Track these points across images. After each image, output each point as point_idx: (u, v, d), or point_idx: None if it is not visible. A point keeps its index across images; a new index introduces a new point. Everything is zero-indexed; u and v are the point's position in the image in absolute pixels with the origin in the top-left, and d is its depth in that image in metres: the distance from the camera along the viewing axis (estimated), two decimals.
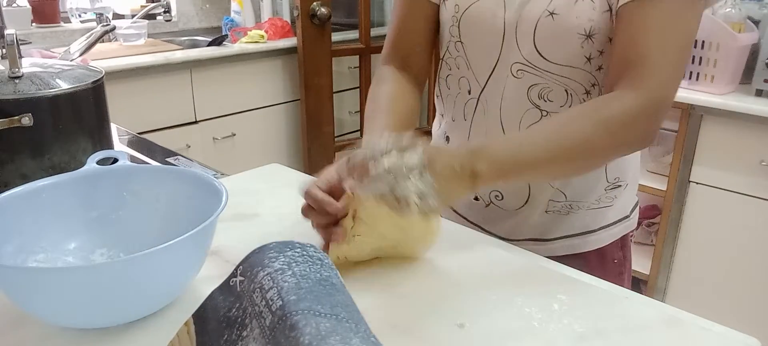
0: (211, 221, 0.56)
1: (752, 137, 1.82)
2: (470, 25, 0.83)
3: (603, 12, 0.74)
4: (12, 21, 2.24)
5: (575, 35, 0.75)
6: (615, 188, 0.88)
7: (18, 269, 0.57)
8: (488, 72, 0.83)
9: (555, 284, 0.65)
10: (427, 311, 0.60)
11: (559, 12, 0.75)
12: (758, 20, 1.93)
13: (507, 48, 0.80)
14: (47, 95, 0.83)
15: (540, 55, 0.78)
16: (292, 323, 0.43)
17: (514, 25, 0.79)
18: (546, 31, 0.76)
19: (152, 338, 0.56)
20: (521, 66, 0.80)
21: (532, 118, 0.81)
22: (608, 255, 0.91)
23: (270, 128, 2.56)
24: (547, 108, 0.80)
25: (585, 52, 0.76)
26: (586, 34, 0.75)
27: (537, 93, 0.80)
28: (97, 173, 0.69)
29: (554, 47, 0.77)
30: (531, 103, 0.81)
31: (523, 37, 0.78)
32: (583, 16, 0.74)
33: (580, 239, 0.89)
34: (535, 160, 0.68)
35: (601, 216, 0.89)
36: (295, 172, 0.98)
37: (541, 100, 0.80)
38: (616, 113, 0.68)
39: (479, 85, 0.85)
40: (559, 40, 0.76)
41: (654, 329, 0.58)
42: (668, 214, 2.04)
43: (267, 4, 2.70)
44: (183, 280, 0.60)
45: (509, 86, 0.82)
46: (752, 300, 1.93)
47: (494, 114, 0.84)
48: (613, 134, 0.69)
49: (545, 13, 0.76)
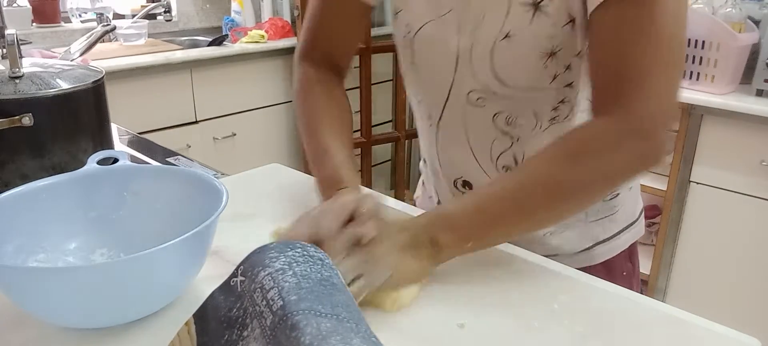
0: (211, 221, 0.56)
1: (752, 137, 1.82)
2: (422, 47, 0.76)
3: (563, 26, 0.66)
4: (12, 21, 2.24)
5: (536, 55, 0.68)
6: (613, 197, 0.82)
7: (18, 269, 0.57)
8: (442, 100, 0.77)
9: (555, 284, 0.65)
10: (427, 311, 0.60)
11: (514, 33, 0.67)
12: (758, 20, 1.93)
13: (461, 74, 0.74)
14: (47, 95, 0.83)
15: (501, 82, 0.71)
16: (293, 323, 0.43)
17: (468, 51, 0.72)
18: (504, 55, 0.69)
19: (152, 338, 0.55)
20: (480, 94, 0.73)
21: (503, 145, 0.76)
22: (617, 268, 0.86)
23: (270, 128, 2.56)
24: (517, 133, 0.75)
25: (550, 72, 0.69)
26: (548, 53, 0.67)
27: (504, 120, 0.74)
28: (98, 173, 0.69)
29: (515, 72, 0.70)
30: (498, 131, 0.75)
31: (479, 63, 0.71)
32: (542, 34, 0.66)
33: (584, 254, 0.84)
34: (503, 216, 0.63)
35: (604, 227, 0.84)
36: (295, 172, 0.98)
37: (510, 126, 0.74)
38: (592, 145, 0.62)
39: (437, 112, 0.79)
40: (520, 63, 0.69)
41: (654, 329, 0.58)
42: (668, 214, 2.04)
43: (267, 4, 2.70)
44: (183, 280, 0.59)
45: (471, 115, 0.76)
46: (752, 300, 1.93)
47: (461, 143, 0.79)
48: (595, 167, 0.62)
49: (500, 35, 0.68)
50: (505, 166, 0.77)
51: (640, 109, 0.60)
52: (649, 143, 0.62)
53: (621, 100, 0.61)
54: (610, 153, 0.62)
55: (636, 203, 0.88)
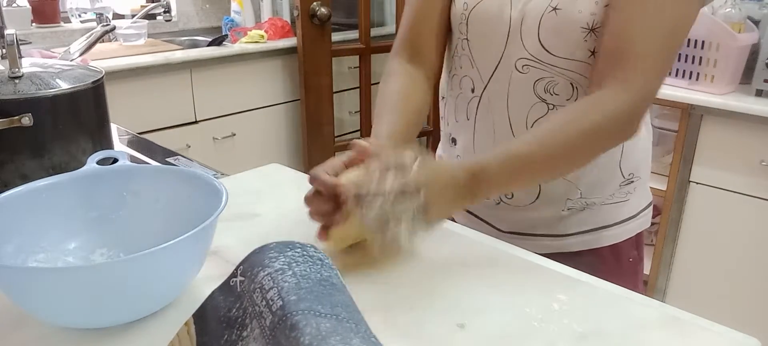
0: (211, 221, 0.56)
1: (752, 137, 1.82)
2: (477, 22, 0.84)
3: (605, 5, 0.74)
4: (12, 21, 2.24)
5: (578, 29, 0.76)
6: (629, 183, 0.88)
7: (18, 269, 0.57)
8: (492, 69, 0.84)
9: (555, 284, 0.65)
10: (427, 311, 0.60)
11: (562, 6, 0.76)
12: (758, 20, 1.93)
13: (511, 44, 0.81)
14: (47, 95, 0.83)
15: (545, 49, 0.79)
16: (292, 323, 0.43)
17: (519, 21, 0.80)
18: (550, 26, 0.77)
19: (152, 338, 0.55)
20: (526, 61, 0.80)
21: (538, 112, 0.82)
22: (623, 253, 0.91)
23: (270, 128, 2.56)
24: (553, 101, 0.81)
25: (588, 46, 0.77)
26: (589, 28, 0.76)
27: (543, 87, 0.81)
28: (97, 173, 0.69)
29: (558, 41, 0.78)
30: (537, 98, 0.82)
31: (527, 33, 0.79)
32: (586, 10, 0.75)
33: (594, 234, 0.89)
34: (528, 174, 0.73)
35: (616, 212, 0.89)
36: (295, 172, 0.98)
37: (548, 93, 0.81)
38: (603, 119, 0.71)
39: (483, 83, 0.86)
40: (563, 34, 0.77)
41: (654, 329, 0.58)
42: (668, 214, 2.04)
43: (267, 4, 2.70)
44: (183, 280, 0.60)
45: (514, 82, 0.82)
46: (752, 300, 1.93)
47: (500, 111, 0.85)
48: (599, 139, 0.73)
49: (549, 8, 0.77)
50: None
51: (636, 82, 0.71)
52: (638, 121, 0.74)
53: (620, 73, 0.71)
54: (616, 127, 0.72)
55: (645, 194, 0.93)
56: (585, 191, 0.86)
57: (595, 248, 0.90)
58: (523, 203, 0.88)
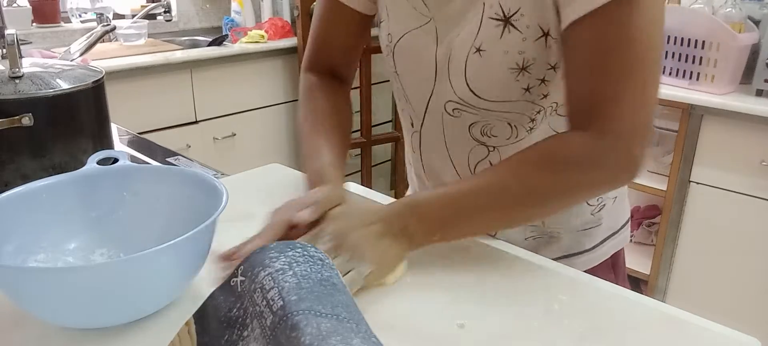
0: (211, 221, 0.56)
1: (752, 137, 1.82)
2: (403, 56, 0.77)
3: (535, 40, 0.65)
4: (12, 21, 2.24)
5: (506, 71, 0.67)
6: (601, 209, 0.82)
7: (17, 269, 0.57)
8: (423, 108, 0.78)
9: (555, 284, 0.65)
10: (427, 311, 0.60)
11: (485, 48, 0.67)
12: (758, 20, 1.93)
13: (440, 85, 0.74)
14: (47, 95, 0.83)
15: (474, 93, 0.71)
16: (293, 323, 0.43)
17: (445, 62, 0.72)
18: (476, 69, 0.69)
19: (152, 338, 0.55)
20: (456, 105, 0.74)
21: (479, 154, 0.77)
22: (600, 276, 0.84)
23: (270, 128, 2.56)
24: (493, 143, 0.75)
25: (522, 85, 0.68)
26: (519, 68, 0.67)
27: (479, 130, 0.75)
28: (98, 173, 0.69)
29: (487, 85, 0.70)
30: (475, 141, 0.76)
31: (455, 75, 0.72)
32: (513, 49, 0.66)
33: (565, 261, 0.81)
34: (472, 209, 0.64)
35: (587, 237, 0.83)
36: (295, 172, 0.98)
37: (485, 136, 0.75)
38: (569, 157, 0.63)
39: (419, 119, 0.80)
40: (491, 77, 0.69)
41: (654, 329, 0.58)
42: (668, 214, 2.04)
43: (267, 4, 2.70)
44: (183, 280, 0.59)
45: (448, 124, 0.76)
46: (752, 300, 1.93)
47: (440, 150, 0.80)
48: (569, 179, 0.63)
49: (472, 49, 0.68)
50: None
51: (616, 127, 0.61)
52: (624, 160, 0.62)
53: (596, 117, 0.62)
54: (587, 170, 0.63)
55: (622, 212, 0.87)
56: (548, 223, 0.81)
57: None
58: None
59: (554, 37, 0.65)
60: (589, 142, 0.62)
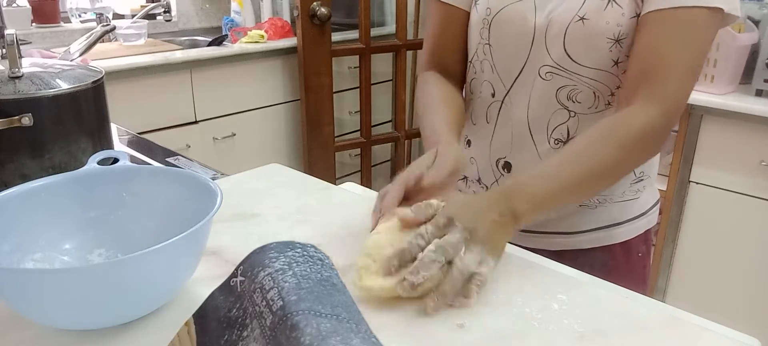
0: (203, 223, 0.56)
1: (752, 137, 1.82)
2: (501, 27, 0.84)
3: (631, 17, 0.76)
4: (12, 21, 2.24)
5: (604, 40, 0.77)
6: (639, 181, 0.90)
7: (11, 271, 0.56)
8: (515, 75, 0.85)
9: (555, 284, 0.65)
10: (426, 311, 0.60)
11: (589, 17, 0.77)
12: (758, 20, 1.93)
13: (535, 51, 0.82)
14: (47, 95, 0.83)
15: (570, 58, 0.80)
16: (292, 324, 0.43)
17: (544, 29, 0.80)
18: (576, 36, 0.78)
19: (152, 338, 0.55)
20: (550, 69, 0.82)
21: (560, 118, 0.84)
22: (633, 248, 0.93)
23: (270, 128, 2.56)
24: (575, 109, 0.82)
25: (613, 56, 0.78)
26: (615, 39, 0.77)
27: (566, 94, 0.82)
28: (96, 174, 0.69)
29: (584, 51, 0.79)
30: (559, 105, 0.83)
31: (552, 41, 0.80)
32: (613, 21, 0.76)
33: (606, 231, 0.91)
34: (566, 189, 0.71)
35: (626, 209, 0.91)
36: (295, 172, 0.98)
37: (570, 101, 0.82)
38: (635, 134, 0.72)
39: (504, 88, 0.87)
40: (589, 44, 0.78)
41: (654, 329, 0.58)
42: (668, 214, 2.04)
43: (267, 4, 2.70)
44: (178, 281, 0.59)
45: (537, 88, 0.83)
46: (752, 300, 1.93)
47: (520, 116, 0.86)
48: (632, 153, 0.74)
49: (576, 17, 0.78)
50: (557, 139, 0.85)
51: (666, 99, 0.73)
52: (665, 130, 0.75)
53: (651, 88, 0.73)
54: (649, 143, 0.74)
55: (653, 192, 0.96)
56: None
57: (606, 245, 0.91)
58: None
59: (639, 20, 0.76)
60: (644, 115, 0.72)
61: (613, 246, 0.92)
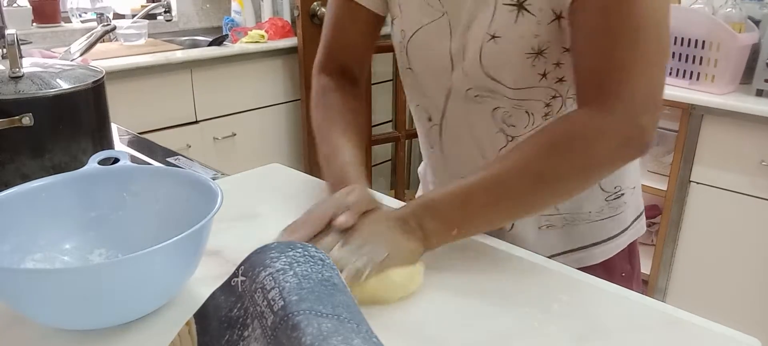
0: (203, 223, 0.56)
1: (752, 137, 1.82)
2: (417, 51, 0.78)
3: (549, 23, 0.66)
4: (12, 21, 2.24)
5: (522, 56, 0.68)
6: (616, 197, 0.82)
7: (11, 271, 0.56)
8: (443, 100, 0.79)
9: (555, 284, 0.65)
10: (427, 311, 0.60)
11: (500, 34, 0.68)
12: (758, 20, 1.93)
13: (458, 75, 0.75)
14: (48, 95, 0.83)
15: (492, 79, 0.72)
16: (293, 324, 0.43)
17: (460, 53, 0.73)
18: (492, 55, 0.70)
19: (153, 338, 0.55)
20: (478, 91, 0.75)
21: (499, 143, 0.77)
22: (616, 269, 0.86)
23: (270, 128, 2.56)
24: (511, 133, 0.76)
25: (538, 70, 0.70)
26: (535, 52, 0.68)
27: (501, 117, 0.75)
28: (97, 173, 0.69)
29: (504, 71, 0.71)
30: (497, 128, 0.76)
31: (471, 64, 0.73)
32: (528, 34, 0.67)
33: (583, 252, 0.84)
34: (487, 205, 0.63)
35: (603, 228, 0.84)
36: (295, 172, 0.98)
37: (504, 124, 0.76)
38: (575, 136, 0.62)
39: (439, 112, 0.80)
40: (507, 63, 0.70)
41: (654, 329, 0.58)
42: (668, 214, 2.04)
43: (267, 4, 2.70)
44: (178, 281, 0.59)
45: (473, 111, 0.76)
46: (752, 300, 1.93)
47: (466, 140, 0.80)
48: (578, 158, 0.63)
49: (487, 37, 0.69)
50: None
51: (622, 100, 0.61)
52: (631, 129, 0.62)
53: (603, 91, 0.62)
54: (593, 144, 0.62)
55: (636, 203, 0.88)
56: (563, 209, 0.81)
57: (586, 266, 0.83)
58: (505, 228, 0.83)
59: (566, 18, 0.66)
60: (594, 115, 0.62)
61: (593, 268, 0.83)
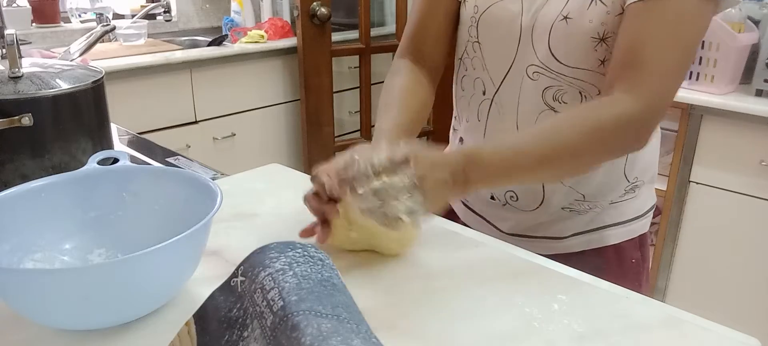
0: (203, 223, 0.56)
1: (752, 137, 1.82)
2: (488, 26, 0.84)
3: (616, 15, 0.74)
4: (12, 21, 2.24)
5: (588, 39, 0.75)
6: (634, 188, 0.89)
7: (10, 271, 0.56)
8: (503, 73, 0.84)
9: (555, 284, 0.65)
10: (427, 311, 0.60)
11: (572, 16, 0.75)
12: (758, 20, 1.93)
13: (523, 50, 0.81)
14: (47, 95, 0.83)
15: (555, 58, 0.78)
16: (293, 324, 0.43)
17: (530, 28, 0.79)
18: (560, 35, 0.77)
19: (153, 338, 0.55)
20: (537, 68, 0.80)
21: (547, 119, 0.82)
22: (626, 254, 0.91)
23: (270, 128, 2.56)
24: (562, 109, 0.81)
25: (599, 56, 0.76)
26: (599, 38, 0.75)
27: (551, 95, 0.80)
28: (96, 173, 0.69)
29: (568, 50, 0.77)
30: (546, 105, 0.81)
31: (538, 40, 0.79)
32: (597, 20, 0.74)
33: (597, 233, 0.89)
34: (525, 167, 0.70)
35: (619, 212, 0.89)
36: (295, 172, 0.98)
37: (556, 102, 0.81)
38: (607, 120, 0.69)
39: (494, 86, 0.85)
40: (573, 43, 0.77)
41: (654, 329, 0.58)
42: (668, 214, 2.04)
43: (267, 4, 2.70)
44: (178, 281, 0.59)
45: (525, 88, 0.82)
46: (752, 300, 1.93)
47: (510, 115, 0.85)
48: (602, 141, 0.70)
49: (559, 17, 0.76)
50: None
51: (648, 90, 0.69)
52: (647, 130, 0.71)
53: (634, 79, 0.69)
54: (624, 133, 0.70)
55: (649, 196, 0.94)
56: (588, 196, 0.87)
57: (598, 248, 0.90)
58: (528, 208, 0.88)
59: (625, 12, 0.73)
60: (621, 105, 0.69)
61: (606, 249, 0.90)
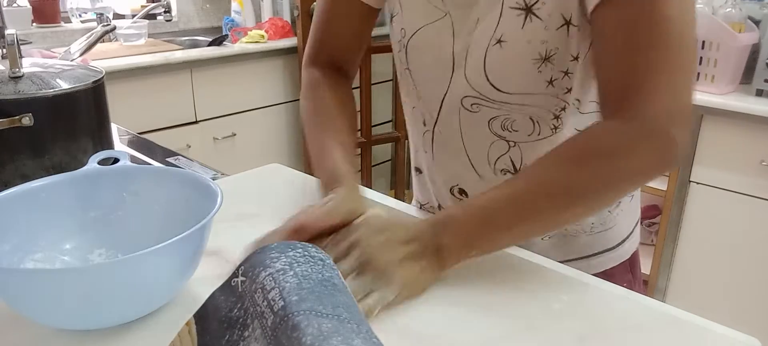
0: (203, 223, 0.56)
1: (752, 137, 1.82)
2: (418, 51, 0.75)
3: (557, 28, 0.63)
4: (12, 21, 2.24)
5: (529, 61, 0.66)
6: (616, 207, 0.80)
7: (10, 271, 0.56)
8: (438, 105, 0.76)
9: (555, 284, 0.65)
10: (427, 312, 0.60)
11: (506, 38, 0.66)
12: (758, 20, 1.93)
13: (456, 80, 0.72)
14: (47, 95, 0.83)
15: (494, 87, 0.69)
16: (294, 324, 0.43)
17: (463, 56, 0.70)
18: (496, 61, 0.67)
19: (152, 338, 0.55)
20: (474, 99, 0.72)
21: (499, 149, 0.74)
22: (616, 280, 0.81)
23: (270, 128, 2.56)
24: (513, 139, 0.73)
25: (545, 77, 0.67)
26: (542, 58, 0.65)
27: (500, 124, 0.72)
28: (97, 173, 0.69)
29: (508, 77, 0.68)
30: (495, 136, 0.73)
31: (472, 69, 0.70)
32: (535, 39, 0.64)
33: (582, 262, 0.82)
34: (508, 222, 0.60)
35: (602, 240, 0.81)
36: (295, 172, 0.98)
37: (506, 131, 0.72)
38: (602, 148, 0.59)
39: (432, 118, 0.78)
40: (512, 69, 0.67)
41: (654, 329, 0.58)
42: (668, 214, 2.04)
43: (267, 4, 2.70)
44: (178, 281, 0.59)
45: (465, 121, 0.74)
46: (752, 300, 1.93)
47: (456, 147, 0.77)
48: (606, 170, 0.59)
49: (492, 40, 0.67)
50: (503, 169, 0.76)
51: (650, 109, 0.58)
52: (662, 143, 0.59)
53: (629, 101, 0.59)
54: (624, 155, 0.59)
55: (633, 212, 0.85)
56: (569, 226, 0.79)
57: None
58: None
59: (576, 25, 0.63)
60: (621, 128, 0.59)
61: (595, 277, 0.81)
